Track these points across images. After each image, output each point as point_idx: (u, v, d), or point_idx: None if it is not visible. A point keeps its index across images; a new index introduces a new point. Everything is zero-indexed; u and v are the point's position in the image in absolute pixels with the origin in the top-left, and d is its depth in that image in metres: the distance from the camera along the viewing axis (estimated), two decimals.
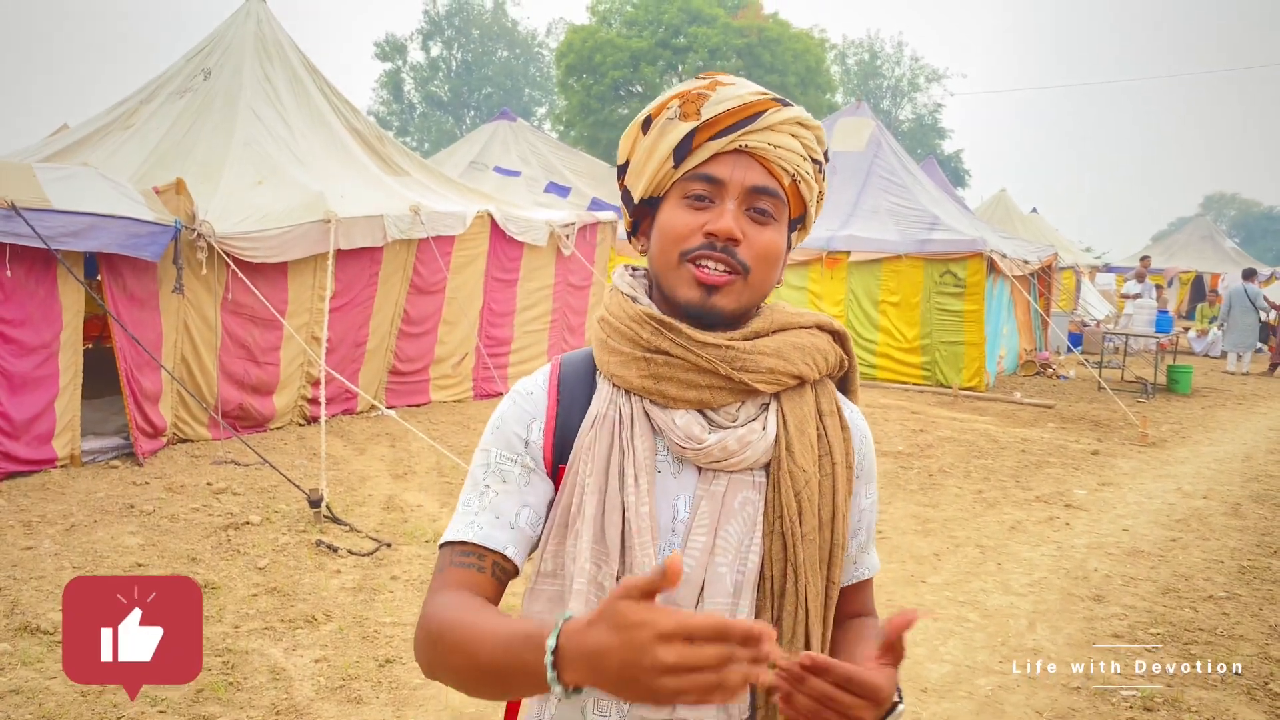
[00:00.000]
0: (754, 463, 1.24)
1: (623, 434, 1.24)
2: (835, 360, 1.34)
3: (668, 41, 34.65)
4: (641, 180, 1.30)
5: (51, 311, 6.45)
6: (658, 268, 1.28)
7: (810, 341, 1.30)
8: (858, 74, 50.42)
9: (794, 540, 1.22)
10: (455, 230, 9.23)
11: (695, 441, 1.22)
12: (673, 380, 1.23)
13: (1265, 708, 3.94)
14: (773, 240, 1.24)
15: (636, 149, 1.31)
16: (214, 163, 8.30)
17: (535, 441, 1.28)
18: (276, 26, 9.74)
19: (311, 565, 5.16)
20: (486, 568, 1.22)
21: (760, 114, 1.24)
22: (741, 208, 1.23)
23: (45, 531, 5.41)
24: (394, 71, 47.96)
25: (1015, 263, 13.16)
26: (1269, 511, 7.05)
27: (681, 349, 1.23)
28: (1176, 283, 27.94)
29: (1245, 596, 5.24)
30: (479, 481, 1.28)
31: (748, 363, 1.23)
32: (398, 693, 3.85)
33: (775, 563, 1.22)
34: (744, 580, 1.22)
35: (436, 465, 7.33)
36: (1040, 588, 5.32)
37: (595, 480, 1.22)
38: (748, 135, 1.23)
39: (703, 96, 1.25)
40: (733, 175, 1.22)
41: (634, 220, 1.36)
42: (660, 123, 1.27)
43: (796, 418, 1.26)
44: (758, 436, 1.23)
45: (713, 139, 1.23)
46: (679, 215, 1.24)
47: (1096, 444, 9.35)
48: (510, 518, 1.24)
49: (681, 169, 1.25)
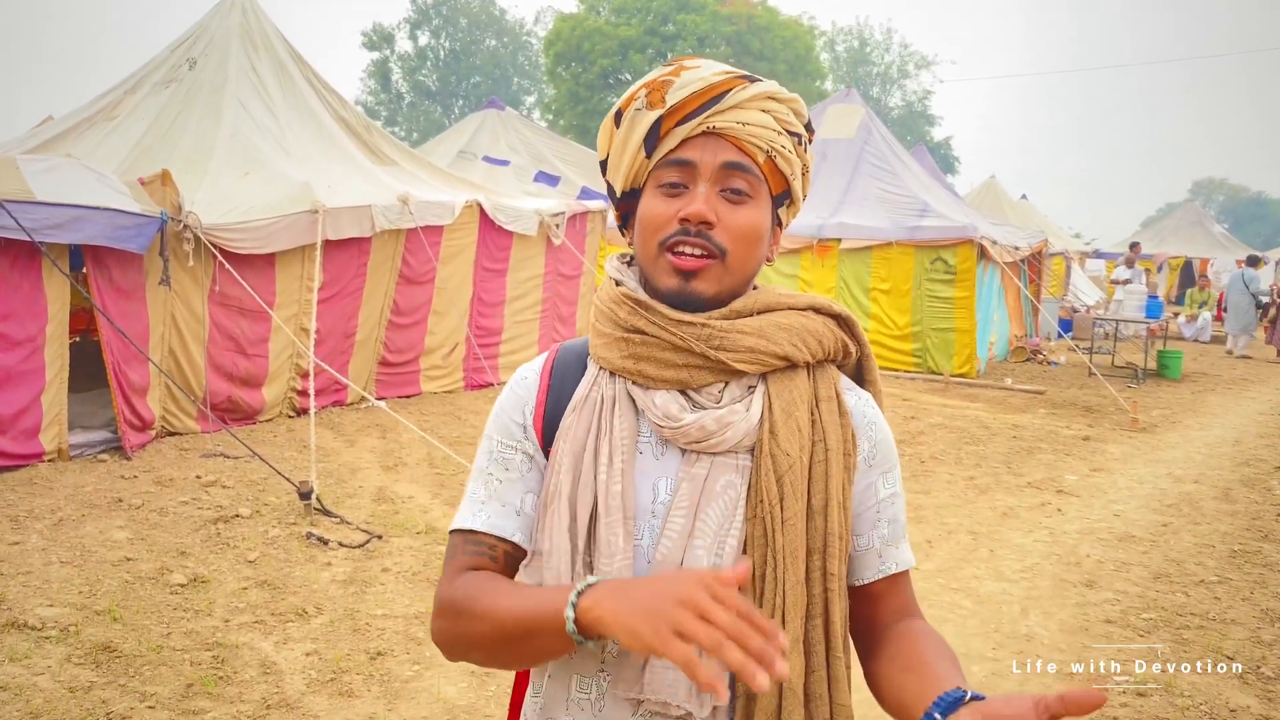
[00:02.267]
0: (737, 445, 1.21)
1: (603, 415, 1.24)
2: (834, 344, 1.30)
3: (656, 29, 34.59)
4: (620, 174, 1.29)
5: (37, 305, 6.39)
6: (641, 259, 1.27)
7: (799, 322, 1.26)
8: (847, 61, 50.41)
9: (774, 525, 1.19)
10: (444, 220, 9.18)
11: (673, 421, 1.20)
12: (651, 360, 1.23)
13: (1258, 691, 3.95)
14: (749, 218, 1.22)
15: (613, 143, 1.30)
16: (200, 154, 8.23)
17: (529, 425, 1.29)
18: (262, 16, 9.65)
19: (302, 558, 5.14)
20: (498, 556, 1.25)
21: (725, 93, 1.22)
22: (715, 189, 1.21)
23: (33, 526, 5.37)
24: (381, 61, 47.76)
25: (1006, 249, 13.17)
26: (1259, 496, 7.07)
27: (657, 328, 1.22)
28: (1166, 268, 28.02)
29: (1236, 580, 5.25)
30: (483, 469, 1.30)
31: (725, 341, 1.21)
32: (389, 685, 3.83)
33: (756, 548, 1.19)
34: (721, 564, 1.18)
35: (427, 456, 7.30)
36: (1033, 574, 5.33)
37: (570, 460, 1.22)
38: (714, 116, 1.21)
39: (667, 83, 1.23)
40: (702, 157, 1.21)
41: (622, 214, 1.35)
42: (629, 115, 1.26)
43: (785, 401, 1.24)
44: (739, 418, 1.21)
45: (680, 124, 1.22)
46: (655, 204, 1.23)
47: (1087, 429, 9.37)
48: (515, 505, 1.27)
49: (654, 158, 1.24)
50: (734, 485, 1.21)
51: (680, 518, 1.19)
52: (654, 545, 1.20)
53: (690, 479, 1.21)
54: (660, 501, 1.22)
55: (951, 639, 4.44)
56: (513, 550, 1.25)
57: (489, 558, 1.25)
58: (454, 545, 1.28)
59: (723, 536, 1.19)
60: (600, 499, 1.20)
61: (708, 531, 1.19)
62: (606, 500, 1.19)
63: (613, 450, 1.22)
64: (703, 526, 1.19)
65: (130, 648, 3.98)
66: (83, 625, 4.17)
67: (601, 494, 1.20)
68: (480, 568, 1.24)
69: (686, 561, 1.18)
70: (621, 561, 1.17)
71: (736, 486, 1.21)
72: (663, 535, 1.19)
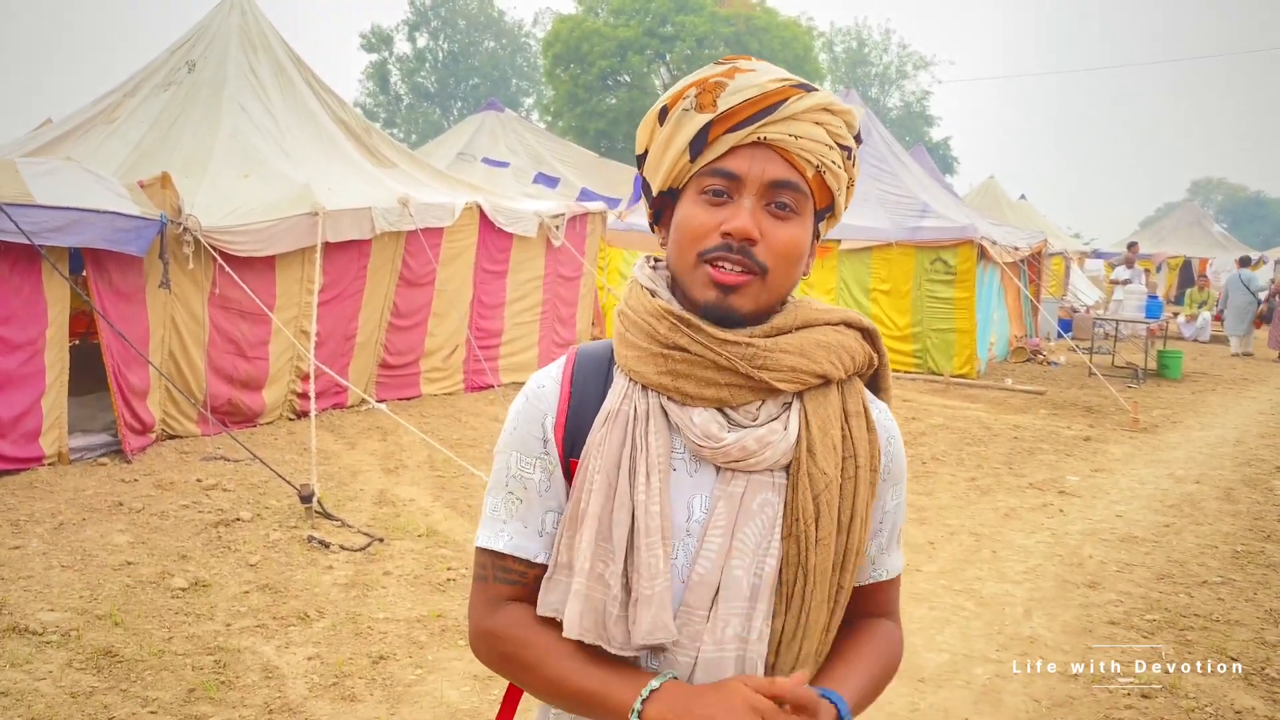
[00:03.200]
0: (774, 463, 1.19)
1: (636, 430, 1.20)
2: (864, 358, 1.28)
3: (655, 30, 34.57)
4: (659, 173, 1.25)
5: (36, 308, 6.37)
6: (675, 266, 1.23)
7: (836, 339, 1.24)
8: (845, 62, 50.40)
9: (808, 544, 1.18)
10: (444, 222, 9.17)
11: (713, 440, 1.17)
12: (691, 378, 1.19)
13: (1263, 693, 3.93)
14: (794, 237, 1.19)
15: (654, 140, 1.25)
16: (200, 156, 8.22)
17: (550, 438, 1.25)
18: (261, 18, 9.65)
19: (303, 561, 5.12)
20: (529, 581, 1.25)
21: (780, 103, 1.17)
22: (760, 203, 1.17)
23: (33, 530, 5.35)
24: (380, 63, 47.72)
25: (1005, 249, 13.16)
26: (1261, 496, 7.06)
27: (700, 346, 1.18)
28: (1165, 268, 28.03)
29: (1240, 581, 5.24)
30: (503, 486, 1.27)
31: (768, 360, 1.18)
32: (391, 689, 3.82)
33: (790, 567, 1.19)
34: (761, 584, 1.18)
35: (428, 459, 7.29)
36: (1035, 575, 5.32)
37: (604, 476, 1.18)
38: (766, 127, 1.16)
39: (720, 85, 1.18)
40: (750, 170, 1.17)
41: (655, 210, 1.31)
42: (676, 114, 1.21)
43: (820, 418, 1.22)
44: (778, 437, 1.19)
45: (729, 131, 1.17)
46: (696, 213, 1.19)
47: (1088, 430, 9.36)
48: (537, 525, 1.25)
49: (698, 163, 1.19)
50: (771, 504, 1.19)
51: (718, 537, 1.17)
52: (689, 565, 1.18)
53: (727, 497, 1.18)
54: (695, 520, 1.19)
55: (955, 641, 4.43)
56: (540, 572, 1.24)
57: (520, 585, 1.25)
58: (483, 564, 1.27)
59: (761, 556, 1.18)
60: (639, 519, 1.16)
61: (745, 551, 1.17)
62: (646, 521, 1.16)
63: (650, 468, 1.18)
64: (740, 546, 1.17)
65: (131, 652, 3.97)
66: (84, 630, 4.15)
67: (640, 514, 1.16)
68: (515, 598, 1.25)
69: (724, 582, 1.17)
70: (663, 584, 1.15)
71: (774, 505, 1.19)
72: (700, 555, 1.17)
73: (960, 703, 3.84)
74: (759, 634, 1.17)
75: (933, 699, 3.87)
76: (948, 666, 4.17)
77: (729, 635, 1.16)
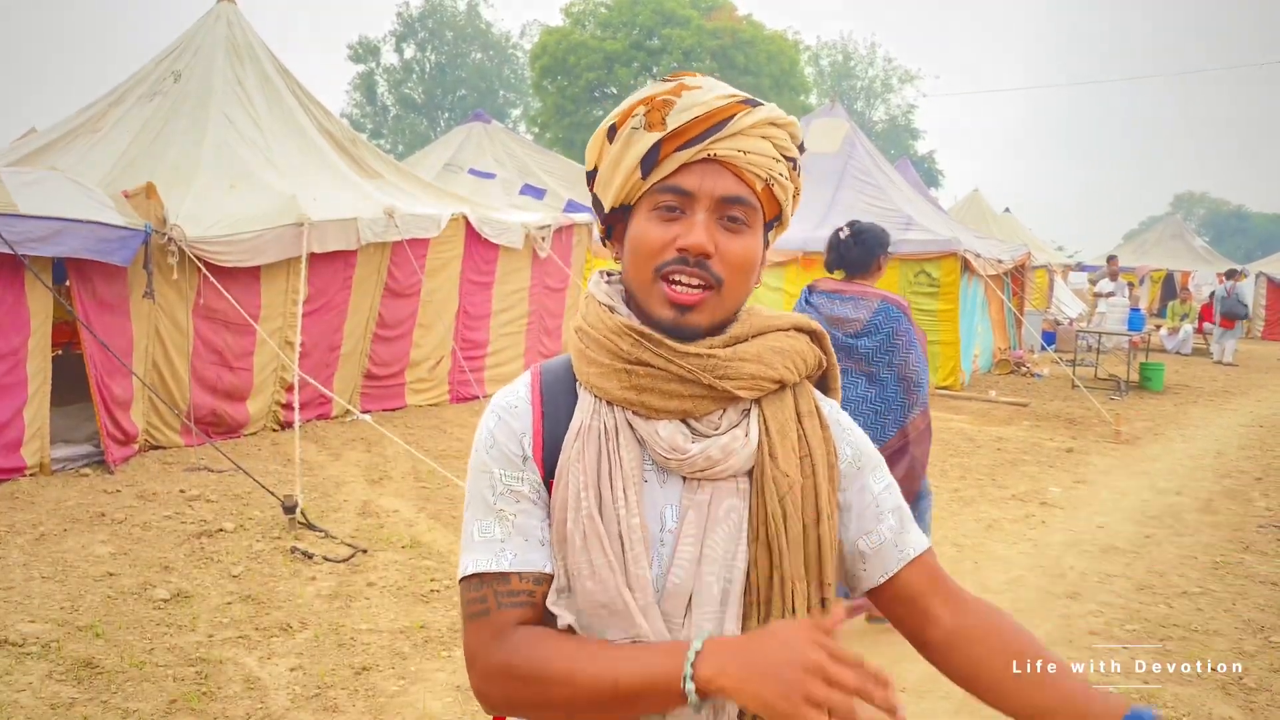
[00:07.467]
0: (737, 470, 1.22)
1: (609, 445, 1.22)
2: (815, 361, 1.32)
3: (642, 43, 34.74)
4: (611, 190, 1.27)
5: (19, 318, 6.35)
6: (632, 282, 1.25)
7: (789, 344, 1.28)
8: (831, 75, 50.71)
9: (780, 547, 1.20)
10: (430, 233, 9.18)
11: (679, 452, 1.20)
12: (655, 391, 1.21)
13: (1240, 702, 3.97)
14: (747, 249, 1.22)
15: (604, 158, 1.28)
16: (185, 166, 8.21)
17: (530, 456, 1.24)
18: (247, 28, 9.65)
19: (286, 572, 5.11)
20: (537, 599, 1.20)
21: (728, 119, 1.20)
22: (713, 217, 1.20)
23: (14, 541, 5.32)
24: (367, 74, 47.74)
25: (989, 262, 13.24)
26: (1240, 507, 7.12)
27: (663, 360, 1.21)
28: (1148, 281, 28.22)
29: (1219, 591, 5.28)
30: (491, 505, 1.23)
31: (730, 370, 1.21)
32: (374, 700, 3.81)
33: (760, 570, 1.21)
34: (731, 589, 1.20)
35: (413, 470, 7.28)
36: (1017, 585, 5.35)
37: (591, 493, 1.19)
38: (716, 144, 1.19)
39: (668, 103, 1.20)
40: (702, 186, 1.19)
41: (607, 226, 1.33)
42: (625, 132, 1.23)
43: (778, 422, 1.25)
44: (740, 444, 1.22)
45: (680, 149, 1.19)
46: (650, 229, 1.21)
47: (1071, 442, 9.42)
48: (539, 535, 1.22)
49: (650, 180, 1.22)
50: (736, 509, 1.22)
51: (689, 545, 1.19)
52: (664, 574, 1.20)
53: (696, 506, 1.21)
54: (668, 529, 1.22)
55: None
56: (548, 587, 1.21)
57: (529, 606, 1.20)
58: (481, 596, 1.20)
59: (730, 561, 1.20)
60: (624, 533, 1.18)
61: (715, 558, 1.20)
62: (629, 534, 1.18)
63: (625, 481, 1.20)
64: (710, 553, 1.20)
65: (112, 664, 3.95)
66: (64, 641, 4.13)
67: (623, 528, 1.18)
68: (524, 621, 1.19)
69: (697, 589, 1.18)
70: (651, 595, 1.17)
71: (739, 510, 1.22)
72: (673, 564, 1.19)
73: (941, 713, 3.86)
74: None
75: (914, 709, 3.89)
76: (929, 676, 4.19)
77: None
